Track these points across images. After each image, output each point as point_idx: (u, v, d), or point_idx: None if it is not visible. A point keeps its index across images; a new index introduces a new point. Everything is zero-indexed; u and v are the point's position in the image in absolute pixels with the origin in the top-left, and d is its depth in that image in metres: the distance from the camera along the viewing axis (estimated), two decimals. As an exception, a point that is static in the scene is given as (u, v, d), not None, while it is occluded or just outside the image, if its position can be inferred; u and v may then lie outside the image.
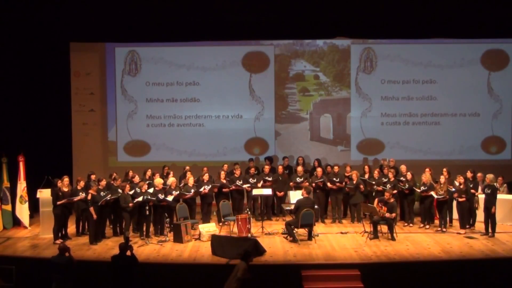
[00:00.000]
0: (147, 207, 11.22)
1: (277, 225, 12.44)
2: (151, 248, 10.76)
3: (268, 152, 15.37)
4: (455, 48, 15.23)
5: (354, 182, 12.50)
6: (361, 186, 12.49)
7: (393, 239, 11.04)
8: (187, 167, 13.15)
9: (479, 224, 11.92)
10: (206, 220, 12.29)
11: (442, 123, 15.37)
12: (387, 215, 11.01)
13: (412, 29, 14.29)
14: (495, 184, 11.68)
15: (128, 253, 8.78)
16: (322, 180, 12.68)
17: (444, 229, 11.78)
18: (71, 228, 11.82)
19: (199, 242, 11.11)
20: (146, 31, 14.42)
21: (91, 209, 10.95)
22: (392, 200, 11.27)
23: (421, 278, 9.57)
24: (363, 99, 15.43)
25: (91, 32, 14.40)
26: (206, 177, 12.48)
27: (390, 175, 12.49)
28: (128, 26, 14.17)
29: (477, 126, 15.32)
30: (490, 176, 11.34)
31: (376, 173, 12.74)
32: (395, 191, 12.15)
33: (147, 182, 12.08)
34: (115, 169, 13.68)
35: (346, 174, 12.84)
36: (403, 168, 12.64)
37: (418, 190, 12.12)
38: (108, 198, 11.22)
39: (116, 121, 15.48)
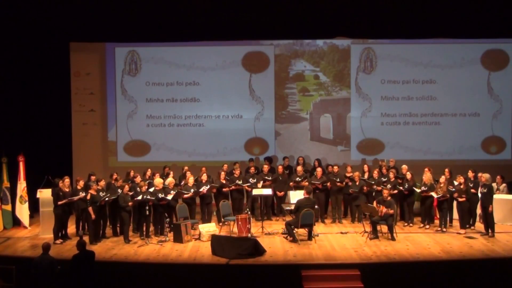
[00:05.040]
0: (147, 207, 11.22)
1: (277, 225, 12.44)
2: (151, 248, 10.75)
3: (268, 152, 15.37)
4: (455, 48, 15.23)
5: (357, 183, 12.49)
6: (365, 187, 12.48)
7: (393, 239, 11.04)
8: (186, 167, 13.15)
9: (479, 224, 11.93)
10: (206, 220, 12.28)
11: (442, 123, 15.37)
12: (385, 210, 11.00)
13: (412, 29, 14.32)
14: (492, 184, 11.67)
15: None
16: (319, 182, 12.68)
17: (444, 229, 11.78)
18: (71, 228, 11.82)
19: (199, 242, 11.11)
20: (146, 31, 14.44)
21: (90, 209, 10.95)
22: (389, 198, 11.27)
23: (421, 278, 9.56)
24: (363, 99, 15.43)
25: (91, 32, 14.43)
26: (204, 177, 12.47)
27: (391, 175, 12.49)
28: (128, 26, 14.18)
29: (477, 126, 15.32)
30: (486, 176, 11.33)
31: (375, 173, 12.74)
32: (395, 191, 12.16)
33: (147, 182, 12.10)
34: (115, 169, 13.65)
35: (347, 174, 12.83)
36: (404, 168, 12.63)
37: (418, 190, 12.12)
38: (107, 199, 11.23)
39: (116, 121, 15.49)
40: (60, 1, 13.13)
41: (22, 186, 12.62)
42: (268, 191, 12.52)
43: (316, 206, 11.49)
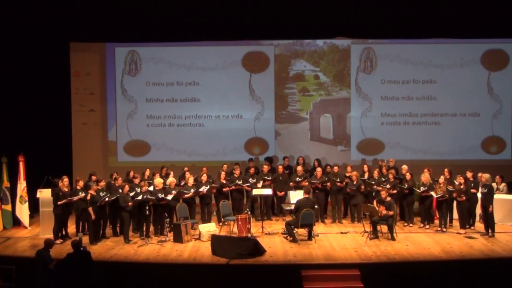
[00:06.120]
0: (147, 207, 11.22)
1: (277, 225, 12.44)
2: (151, 248, 10.76)
3: (268, 152, 15.37)
4: (455, 48, 15.23)
5: (355, 183, 12.50)
6: (362, 187, 12.49)
7: (393, 239, 11.04)
8: (186, 168, 13.14)
9: (479, 224, 11.93)
10: (206, 220, 12.28)
11: (442, 123, 15.37)
12: (385, 212, 11.01)
13: (412, 29, 14.32)
14: (492, 183, 11.68)
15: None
16: (319, 182, 12.69)
17: (444, 229, 11.78)
18: (71, 228, 11.82)
19: (199, 242, 11.11)
20: (146, 31, 14.44)
21: (90, 209, 10.95)
22: (388, 198, 11.27)
23: (421, 278, 9.56)
24: (363, 99, 15.43)
25: (91, 32, 14.42)
26: (204, 177, 12.47)
27: (390, 175, 12.49)
28: (128, 26, 14.17)
29: (477, 126, 15.32)
30: (486, 176, 11.35)
31: (375, 173, 12.74)
32: (394, 191, 12.16)
33: (147, 181, 12.09)
34: (115, 169, 13.65)
35: (347, 174, 12.82)
36: (404, 168, 12.62)
37: (418, 191, 12.12)
38: (107, 199, 11.23)
39: (116, 121, 15.48)
40: (60, 1, 13.12)
41: (22, 186, 12.62)
42: (268, 191, 12.53)
43: (316, 206, 11.49)
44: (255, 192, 12.48)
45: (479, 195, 11.58)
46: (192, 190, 12.06)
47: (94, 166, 14.37)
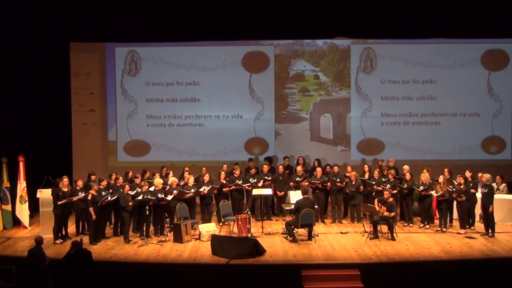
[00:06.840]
0: (147, 207, 11.22)
1: (277, 225, 12.44)
2: (151, 248, 10.76)
3: (268, 152, 15.37)
4: (455, 48, 15.22)
5: (353, 183, 12.50)
6: (361, 187, 12.49)
7: (393, 239, 11.04)
8: (186, 168, 13.14)
9: (479, 224, 11.93)
10: (206, 220, 12.28)
11: (442, 123, 15.37)
12: (386, 214, 11.02)
13: (412, 29, 14.32)
14: (492, 184, 11.68)
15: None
16: (319, 182, 12.69)
17: (444, 229, 11.79)
18: (71, 228, 11.82)
19: (199, 242, 11.11)
20: (146, 31, 14.44)
21: (91, 209, 10.96)
22: (391, 199, 11.28)
23: (421, 278, 9.57)
24: (363, 99, 15.43)
25: (91, 32, 14.42)
26: (206, 177, 12.46)
27: (390, 175, 12.49)
28: (128, 26, 14.18)
29: (477, 126, 15.31)
30: (487, 176, 11.35)
31: (376, 173, 12.74)
32: (394, 191, 12.16)
33: (147, 181, 12.09)
34: (115, 169, 13.63)
35: (347, 174, 12.82)
36: (405, 169, 12.61)
37: (418, 190, 12.11)
38: (109, 199, 11.22)
39: (116, 121, 15.48)
40: (60, 1, 13.13)
41: (22, 186, 12.63)
42: (268, 191, 12.53)
43: (316, 206, 11.49)
44: (255, 192, 12.48)
45: (478, 195, 11.59)
46: (192, 190, 12.06)
47: (94, 166, 14.35)
